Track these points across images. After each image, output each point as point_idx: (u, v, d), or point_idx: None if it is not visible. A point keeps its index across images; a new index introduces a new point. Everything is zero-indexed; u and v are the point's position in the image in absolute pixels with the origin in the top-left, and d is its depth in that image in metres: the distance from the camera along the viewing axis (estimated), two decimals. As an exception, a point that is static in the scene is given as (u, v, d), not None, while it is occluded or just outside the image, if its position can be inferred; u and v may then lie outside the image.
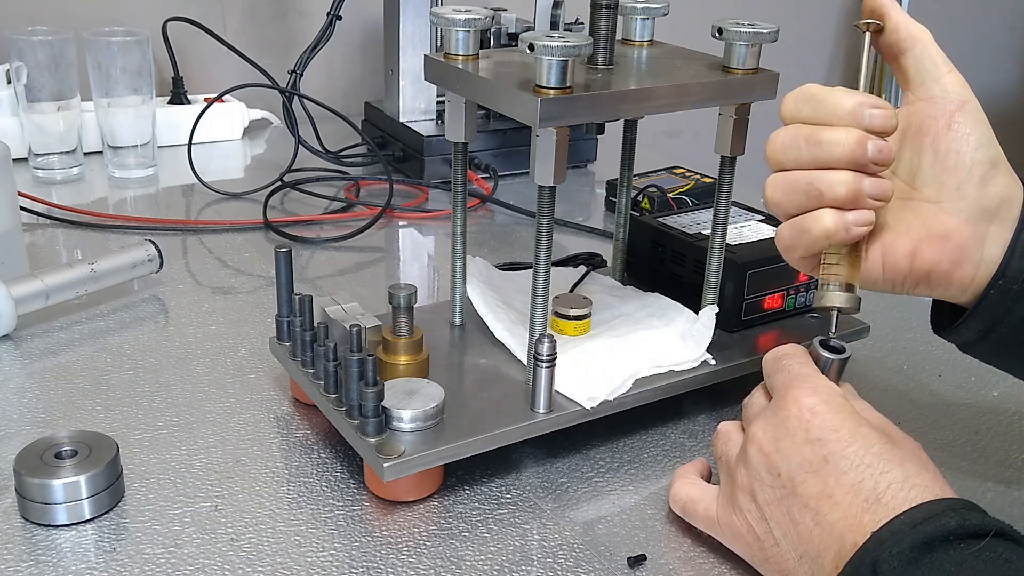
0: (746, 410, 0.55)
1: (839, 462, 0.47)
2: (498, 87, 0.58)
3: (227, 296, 0.86)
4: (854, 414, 0.49)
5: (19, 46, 1.08)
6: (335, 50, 1.39)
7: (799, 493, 0.48)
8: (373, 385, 0.56)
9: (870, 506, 0.46)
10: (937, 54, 0.55)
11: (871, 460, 0.47)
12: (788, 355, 0.54)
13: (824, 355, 0.54)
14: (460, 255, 0.72)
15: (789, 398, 0.50)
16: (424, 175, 1.15)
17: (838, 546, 0.46)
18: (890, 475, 0.46)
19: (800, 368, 0.52)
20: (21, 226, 0.85)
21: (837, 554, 0.46)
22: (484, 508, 0.59)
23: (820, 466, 0.48)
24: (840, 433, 0.48)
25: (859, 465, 0.47)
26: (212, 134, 1.28)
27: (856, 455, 0.47)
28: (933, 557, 0.42)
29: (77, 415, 0.66)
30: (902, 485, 0.46)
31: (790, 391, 0.51)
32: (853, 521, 0.46)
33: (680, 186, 1.07)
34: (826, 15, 2.10)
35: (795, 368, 0.52)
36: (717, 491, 0.54)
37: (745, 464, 0.51)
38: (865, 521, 0.45)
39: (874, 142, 0.50)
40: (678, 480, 0.57)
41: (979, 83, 2.15)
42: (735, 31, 0.62)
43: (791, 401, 0.50)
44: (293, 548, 0.54)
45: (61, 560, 0.53)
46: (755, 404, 0.55)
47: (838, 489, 0.47)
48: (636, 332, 0.69)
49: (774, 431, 0.50)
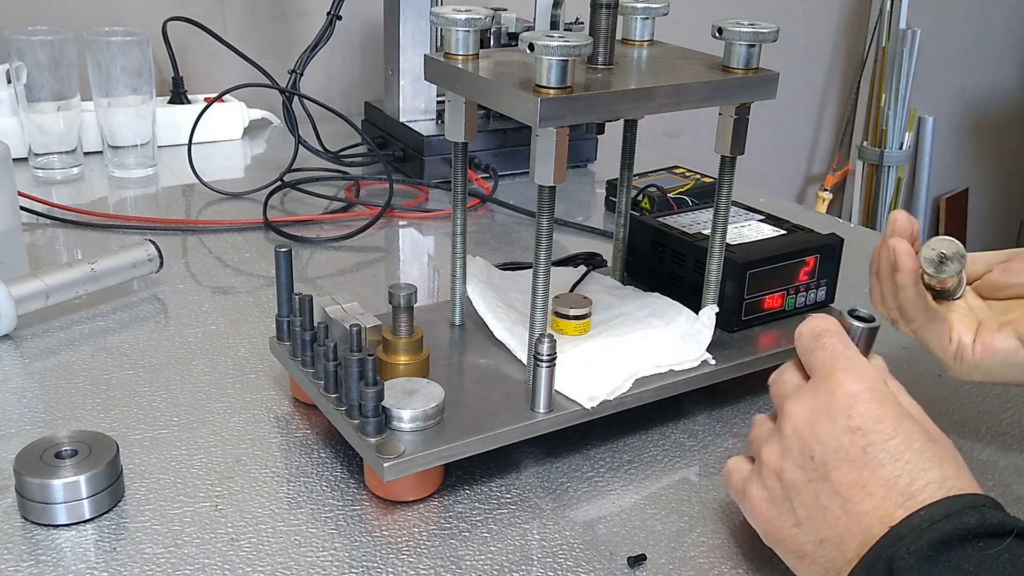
0: (778, 386, 0.53)
1: (879, 454, 0.46)
2: (498, 87, 0.58)
3: (227, 296, 0.86)
4: (897, 405, 0.48)
5: (19, 46, 1.08)
6: (335, 50, 1.39)
7: (831, 479, 0.47)
8: (373, 385, 0.56)
9: (904, 501, 0.45)
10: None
11: (911, 456, 0.46)
12: (828, 331, 0.52)
13: (855, 324, 0.52)
14: (460, 255, 0.72)
15: (834, 381, 0.49)
16: (424, 175, 1.15)
17: (864, 536, 0.45)
18: (929, 474, 0.45)
19: (843, 349, 0.50)
20: (21, 226, 0.85)
21: (861, 544, 0.45)
22: (484, 508, 0.59)
23: (858, 456, 0.47)
24: (883, 425, 0.47)
25: (898, 460, 0.46)
26: (212, 134, 1.28)
27: (896, 449, 0.46)
28: (951, 556, 0.41)
29: (77, 415, 0.66)
30: (939, 486, 0.45)
31: (834, 373, 0.49)
32: (884, 514, 0.45)
33: (680, 186, 1.07)
34: (826, 15, 2.10)
35: (838, 348, 0.50)
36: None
37: (779, 441, 0.50)
38: (898, 516, 0.45)
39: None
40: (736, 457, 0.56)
41: (980, 83, 2.16)
42: (735, 31, 0.62)
43: (836, 384, 0.48)
44: (293, 548, 0.54)
45: (61, 560, 0.53)
46: (788, 381, 0.53)
47: (873, 480, 0.46)
48: (636, 332, 0.69)
49: (812, 413, 0.49)
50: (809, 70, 2.12)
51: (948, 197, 2.45)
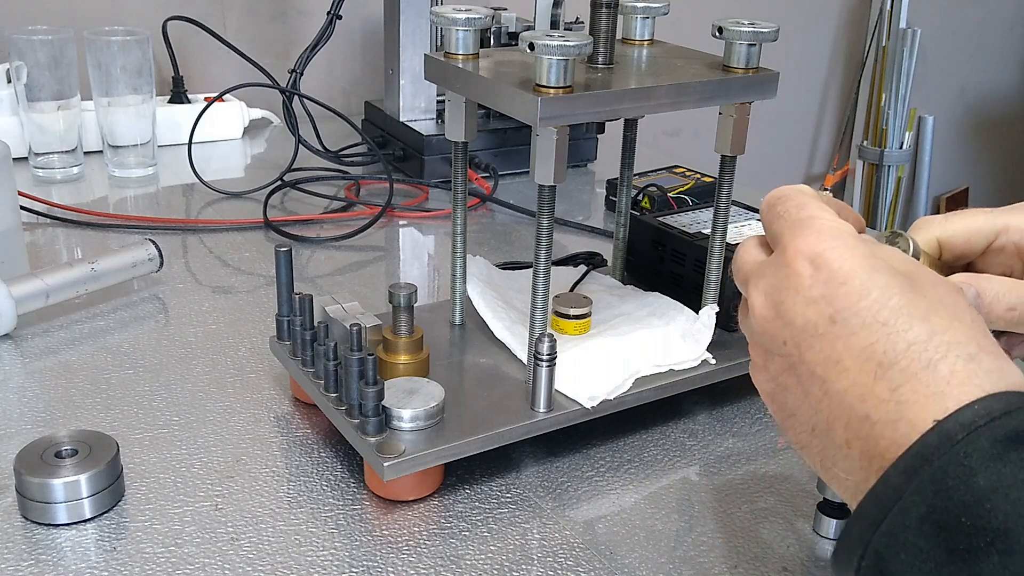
0: (739, 271, 0.46)
1: (848, 320, 0.39)
2: (498, 86, 0.58)
3: (227, 295, 0.86)
4: (868, 258, 0.40)
5: (19, 45, 1.08)
6: (335, 49, 1.39)
7: (806, 360, 0.41)
8: (373, 384, 0.56)
9: (884, 372, 0.38)
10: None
11: (887, 316, 0.38)
12: (784, 197, 0.44)
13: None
14: (460, 254, 0.71)
15: (790, 249, 0.42)
16: (424, 174, 1.15)
17: (847, 417, 0.39)
18: (911, 333, 0.38)
19: (797, 211, 0.43)
20: (21, 225, 0.85)
21: (846, 426, 0.39)
22: (484, 507, 0.59)
23: (826, 328, 0.40)
24: (849, 286, 0.39)
25: (872, 323, 0.39)
26: (212, 133, 1.28)
27: (869, 311, 0.39)
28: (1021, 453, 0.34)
29: (77, 414, 0.66)
30: (925, 344, 0.37)
31: (789, 241, 0.42)
32: (863, 390, 0.38)
33: (680, 185, 1.07)
34: (826, 15, 2.10)
35: (791, 212, 0.43)
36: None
37: (752, 335, 0.44)
38: (878, 390, 0.38)
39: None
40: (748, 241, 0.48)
41: (980, 83, 2.15)
42: (735, 30, 0.62)
43: (792, 253, 0.41)
44: (293, 547, 0.54)
45: (61, 559, 0.53)
46: (749, 261, 0.45)
47: (846, 353, 0.39)
48: (636, 331, 0.69)
49: (773, 292, 0.42)
50: (809, 70, 2.12)
51: (948, 197, 2.45)
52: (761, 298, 0.43)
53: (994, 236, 0.50)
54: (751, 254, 0.46)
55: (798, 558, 0.56)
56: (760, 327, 0.43)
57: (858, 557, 0.36)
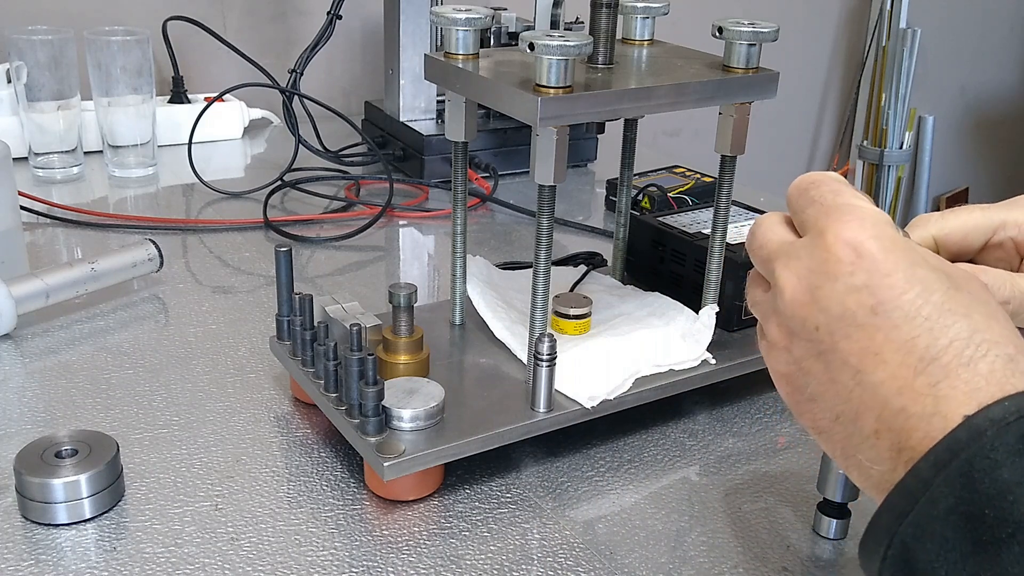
0: (759, 241, 0.45)
1: (891, 313, 0.39)
2: (498, 86, 0.58)
3: (227, 295, 0.86)
4: (910, 250, 0.40)
5: (19, 45, 1.08)
6: (335, 49, 1.39)
7: (839, 349, 0.40)
8: (373, 384, 0.56)
9: (925, 367, 0.38)
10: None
11: (930, 312, 0.38)
12: (817, 183, 0.43)
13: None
14: (460, 254, 0.71)
15: (830, 234, 0.41)
16: (424, 174, 1.15)
17: (880, 408, 0.39)
18: (953, 330, 0.38)
19: (835, 197, 0.42)
20: (21, 225, 0.85)
21: (878, 418, 0.39)
22: (484, 507, 0.59)
23: (867, 318, 0.39)
24: (893, 278, 0.39)
25: (915, 318, 0.38)
26: (212, 133, 1.28)
27: (912, 305, 0.38)
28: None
29: (77, 414, 0.66)
30: (967, 342, 0.37)
31: (829, 225, 0.41)
32: (902, 383, 0.38)
33: (680, 185, 1.07)
34: (826, 15, 2.10)
35: (828, 198, 0.42)
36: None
37: (778, 317, 0.43)
38: (918, 385, 0.37)
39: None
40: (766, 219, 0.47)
41: (980, 82, 2.15)
42: (735, 30, 0.62)
43: (833, 238, 0.40)
44: (293, 547, 0.54)
45: (61, 559, 0.53)
46: (775, 239, 0.44)
47: (887, 346, 0.39)
48: (636, 331, 0.69)
49: (809, 276, 0.41)
50: (809, 70, 2.12)
51: (948, 196, 2.45)
52: (795, 280, 0.42)
53: (991, 232, 0.50)
54: (776, 232, 0.45)
55: (798, 558, 0.56)
56: (790, 310, 0.42)
57: (884, 547, 0.36)
